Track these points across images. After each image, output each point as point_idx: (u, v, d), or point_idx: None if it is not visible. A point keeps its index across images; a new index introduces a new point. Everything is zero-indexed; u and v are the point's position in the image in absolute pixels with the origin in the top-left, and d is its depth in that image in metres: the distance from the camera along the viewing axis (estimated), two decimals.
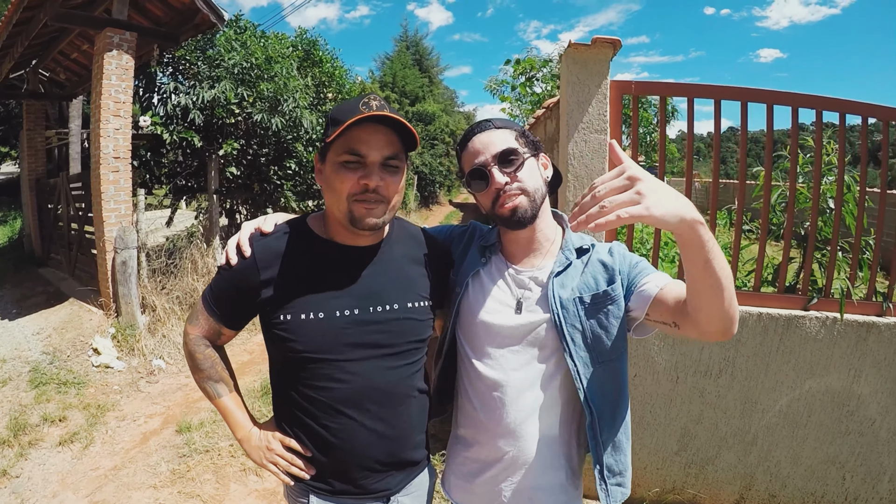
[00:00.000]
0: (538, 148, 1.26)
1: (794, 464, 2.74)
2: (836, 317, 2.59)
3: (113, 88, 5.26)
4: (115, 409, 4.04)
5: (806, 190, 2.78)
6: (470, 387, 1.31)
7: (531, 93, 6.56)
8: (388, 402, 1.25)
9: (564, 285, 1.21)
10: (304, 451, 1.26)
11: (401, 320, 1.25)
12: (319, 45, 8.30)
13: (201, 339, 1.31)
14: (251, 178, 7.23)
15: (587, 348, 1.19)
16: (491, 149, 1.20)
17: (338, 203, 1.16)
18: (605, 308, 1.19)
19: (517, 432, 1.23)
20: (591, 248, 1.26)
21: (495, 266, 1.30)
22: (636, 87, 2.54)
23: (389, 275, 1.26)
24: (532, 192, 1.19)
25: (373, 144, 1.13)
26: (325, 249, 1.23)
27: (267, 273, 1.19)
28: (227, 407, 1.32)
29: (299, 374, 1.22)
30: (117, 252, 5.07)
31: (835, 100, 2.57)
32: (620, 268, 1.21)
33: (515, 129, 1.24)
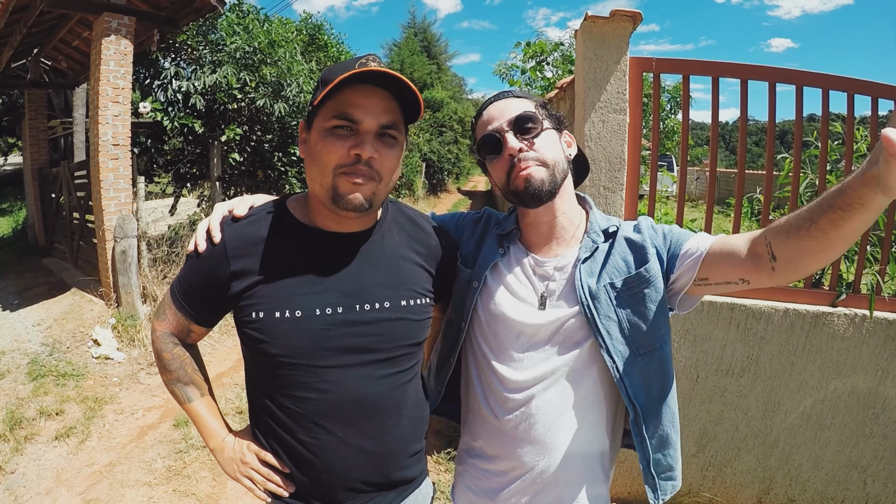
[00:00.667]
0: (561, 124, 1.14)
1: (815, 467, 2.62)
2: (865, 314, 2.45)
3: (111, 74, 5.15)
4: (113, 401, 3.97)
5: (834, 179, 2.62)
6: (489, 393, 1.17)
7: (542, 77, 6.40)
8: (376, 416, 1.07)
9: (592, 272, 1.08)
10: (282, 467, 1.10)
11: (392, 321, 1.07)
12: (325, 29, 8.19)
13: (169, 337, 1.16)
14: (255, 164, 7.11)
15: (625, 340, 1.06)
16: (507, 114, 1.08)
17: (321, 176, 0.98)
18: (640, 292, 1.06)
19: (547, 443, 1.10)
20: (618, 229, 1.13)
21: (514, 257, 1.17)
22: (657, 64, 2.39)
23: (380, 267, 1.09)
24: (551, 163, 1.07)
25: (368, 109, 0.96)
26: (306, 236, 1.06)
27: (238, 263, 1.03)
28: (199, 413, 1.17)
29: (274, 381, 1.05)
30: (117, 241, 4.98)
31: (868, 83, 2.42)
32: (653, 241, 1.08)
33: (536, 100, 1.12)
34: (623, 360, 1.06)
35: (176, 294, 1.12)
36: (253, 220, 1.07)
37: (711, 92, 2.41)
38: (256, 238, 1.04)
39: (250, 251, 1.03)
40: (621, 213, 2.48)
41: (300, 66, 6.76)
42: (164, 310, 1.16)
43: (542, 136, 1.07)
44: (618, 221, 1.16)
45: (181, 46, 6.69)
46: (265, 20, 6.99)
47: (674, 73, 2.46)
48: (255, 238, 1.04)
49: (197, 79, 6.09)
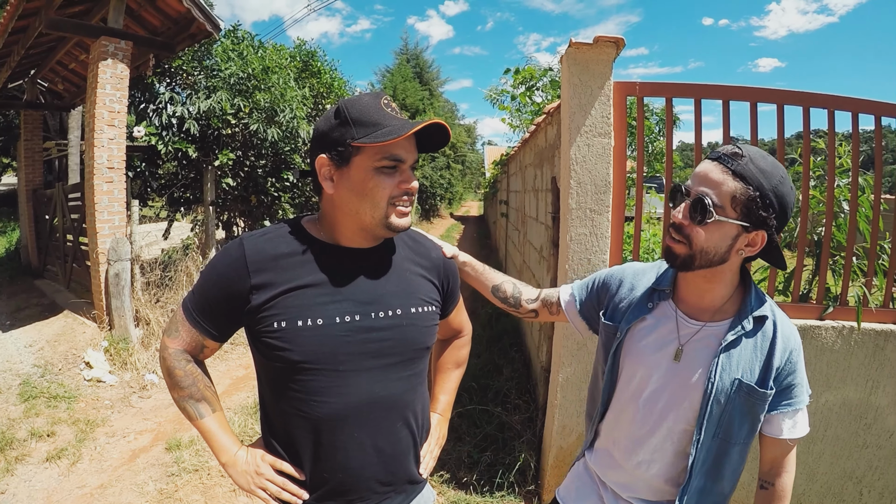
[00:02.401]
0: (759, 225, 1.07)
1: (809, 481, 2.63)
2: (853, 326, 2.48)
3: (107, 98, 5.19)
4: (105, 424, 3.94)
5: (819, 194, 2.67)
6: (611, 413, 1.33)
7: (531, 102, 6.48)
8: (391, 415, 1.17)
9: (731, 359, 1.15)
10: (298, 475, 1.15)
11: (405, 327, 1.17)
12: (318, 55, 8.25)
13: (182, 354, 1.19)
14: (248, 189, 7.15)
15: (717, 423, 1.15)
16: (698, 187, 1.09)
17: (374, 209, 1.10)
18: (752, 402, 1.14)
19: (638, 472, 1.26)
20: (767, 318, 1.17)
21: (661, 312, 1.25)
22: (641, 87, 2.44)
23: (391, 278, 1.19)
24: (697, 251, 1.10)
25: (409, 149, 1.12)
26: (323, 252, 1.15)
27: (259, 277, 1.09)
28: (210, 429, 1.20)
29: (294, 386, 1.11)
30: (110, 264, 4.97)
31: (847, 99, 2.47)
32: (778, 375, 1.15)
33: (752, 189, 1.04)
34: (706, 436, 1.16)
35: (190, 310, 1.16)
36: (271, 236, 1.15)
37: (694, 113, 2.46)
38: (276, 253, 1.12)
39: (269, 265, 1.10)
40: (607, 235, 2.52)
41: (293, 92, 6.83)
42: (175, 327, 1.19)
43: (709, 227, 1.08)
44: (770, 306, 1.18)
45: (176, 71, 6.76)
46: (259, 46, 7.07)
47: (657, 95, 2.51)
48: (274, 253, 1.12)
49: (192, 104, 6.14)
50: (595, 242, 2.53)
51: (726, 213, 1.06)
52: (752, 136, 2.47)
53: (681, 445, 1.20)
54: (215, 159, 6.43)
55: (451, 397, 1.53)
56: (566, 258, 2.57)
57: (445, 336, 1.53)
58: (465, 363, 1.60)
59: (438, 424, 1.43)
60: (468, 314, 1.59)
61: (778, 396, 1.15)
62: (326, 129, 1.10)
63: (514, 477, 2.98)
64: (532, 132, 4.71)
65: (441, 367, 1.54)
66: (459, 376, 1.57)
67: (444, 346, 1.55)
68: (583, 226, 2.52)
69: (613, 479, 1.31)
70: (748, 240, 1.10)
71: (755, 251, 1.12)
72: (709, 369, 1.14)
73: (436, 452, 1.37)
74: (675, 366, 1.18)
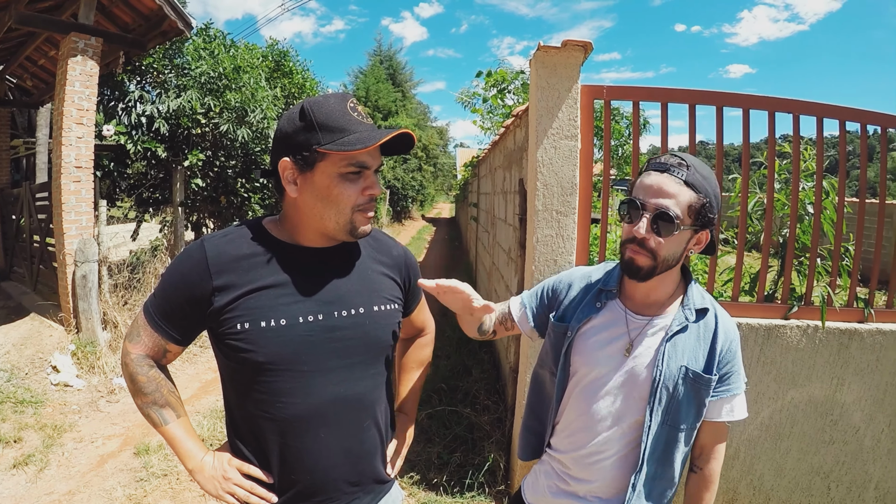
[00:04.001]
0: (705, 225, 1.17)
1: (777, 476, 2.68)
2: (818, 325, 2.54)
3: (76, 95, 5.07)
4: (72, 429, 3.85)
5: (784, 197, 2.73)
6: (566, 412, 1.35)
7: (503, 105, 6.52)
8: (357, 415, 1.17)
9: (676, 348, 1.21)
10: (266, 478, 1.14)
11: (367, 325, 1.17)
12: (290, 55, 8.17)
13: (144, 359, 1.17)
14: (217, 190, 7.04)
15: (666, 410, 1.21)
16: (657, 200, 1.13)
17: (339, 215, 1.10)
18: (698, 388, 1.21)
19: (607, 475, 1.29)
20: (708, 311, 1.25)
21: (609, 311, 1.30)
22: (608, 91, 2.46)
23: (353, 277, 1.19)
24: (660, 260, 1.16)
25: (374, 155, 1.12)
26: (285, 252, 1.14)
27: (221, 279, 1.08)
28: (175, 435, 1.18)
29: (258, 388, 1.10)
30: (77, 265, 4.85)
31: (812, 104, 2.52)
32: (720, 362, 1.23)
33: (702, 196, 1.14)
34: (655, 423, 1.21)
35: (151, 314, 1.14)
36: (232, 237, 1.13)
37: (661, 117, 2.49)
38: (237, 254, 1.11)
39: (231, 266, 1.09)
40: (574, 237, 2.54)
41: (264, 93, 6.76)
42: (137, 331, 1.17)
43: (671, 238, 1.14)
44: (710, 300, 1.27)
45: (147, 69, 6.62)
46: (231, 45, 6.97)
47: (624, 99, 2.53)
48: (236, 254, 1.10)
49: (161, 103, 6.03)
50: (561, 244, 2.55)
51: (684, 222, 1.13)
52: (717, 140, 2.51)
53: (633, 436, 1.24)
54: (185, 159, 6.32)
55: (417, 396, 1.54)
56: (532, 259, 2.58)
57: (408, 335, 1.53)
58: (429, 362, 1.60)
59: (404, 424, 1.44)
60: (439, 314, 1.60)
61: (718, 383, 1.22)
62: (290, 131, 1.08)
63: (484, 477, 2.99)
64: (501, 134, 4.73)
65: (405, 366, 1.55)
66: (424, 375, 1.57)
67: (408, 346, 1.55)
68: (549, 227, 2.53)
69: (574, 476, 1.33)
70: (696, 239, 1.20)
71: (701, 248, 1.23)
72: (656, 358, 1.21)
73: (403, 452, 1.38)
74: (626, 360, 1.24)
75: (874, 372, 2.57)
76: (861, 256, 2.72)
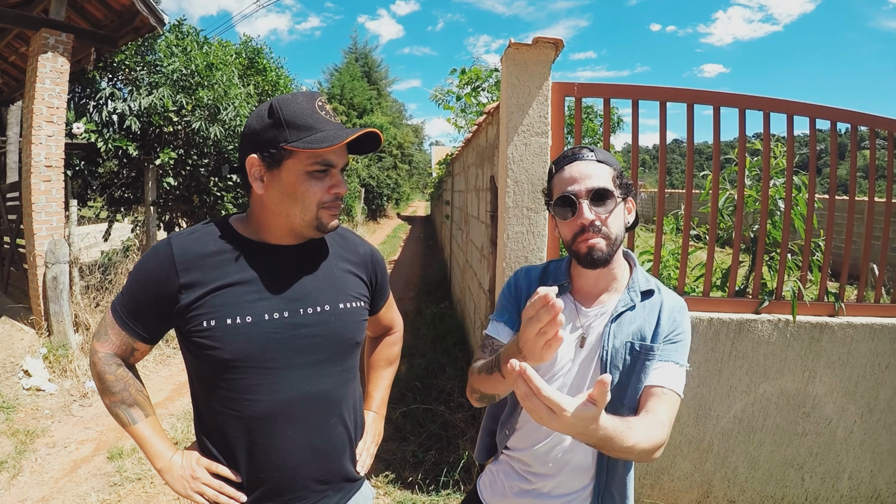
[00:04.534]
0: (628, 193, 1.23)
1: (751, 468, 2.71)
2: (789, 319, 2.57)
3: (47, 92, 4.97)
4: (45, 434, 3.78)
5: (755, 193, 2.76)
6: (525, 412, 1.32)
7: (477, 103, 6.51)
8: (324, 412, 1.18)
9: (622, 327, 1.23)
10: (234, 477, 1.14)
11: (333, 322, 1.18)
12: (264, 53, 8.11)
13: (112, 358, 1.17)
14: (190, 189, 6.96)
15: (619, 388, 1.21)
16: (587, 182, 1.16)
17: (304, 212, 1.11)
18: (644, 359, 1.21)
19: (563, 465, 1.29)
20: (654, 292, 1.27)
21: None
22: (579, 88, 2.46)
23: (319, 274, 1.20)
24: (614, 237, 1.18)
25: (340, 154, 1.12)
26: (251, 249, 1.15)
27: (187, 276, 1.08)
28: (144, 434, 1.18)
29: (225, 385, 1.10)
30: (48, 267, 4.75)
31: (782, 101, 2.56)
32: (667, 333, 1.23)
33: (615, 168, 1.21)
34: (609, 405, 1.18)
35: (119, 312, 1.14)
36: (198, 235, 1.14)
37: (632, 114, 2.51)
38: (204, 251, 1.11)
39: (197, 264, 1.10)
40: (545, 233, 2.54)
41: (237, 90, 6.69)
42: (105, 330, 1.17)
43: (614, 213, 1.17)
44: (656, 283, 1.30)
45: (118, 66, 6.49)
46: (204, 42, 6.87)
47: (595, 96, 2.54)
48: (202, 251, 1.11)
49: (133, 100, 5.93)
50: (532, 240, 2.55)
51: (616, 194, 1.17)
52: (688, 136, 2.53)
53: None
54: (157, 158, 6.23)
55: (386, 394, 1.54)
56: (504, 256, 2.58)
57: (376, 333, 1.54)
58: (398, 360, 1.61)
59: (374, 422, 1.44)
60: (414, 312, 1.60)
61: (660, 351, 1.22)
62: (259, 128, 1.09)
63: (459, 475, 3.00)
64: (474, 132, 4.73)
65: (373, 364, 1.55)
66: (392, 373, 1.58)
67: (376, 344, 1.55)
68: (520, 224, 2.54)
69: (536, 473, 1.32)
70: (627, 209, 1.24)
71: (632, 217, 1.27)
72: (602, 339, 1.22)
73: (372, 450, 1.38)
74: (580, 352, 1.24)
75: (845, 364, 2.61)
76: (832, 252, 2.76)
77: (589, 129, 6.05)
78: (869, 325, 2.60)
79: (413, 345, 5.56)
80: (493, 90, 6.38)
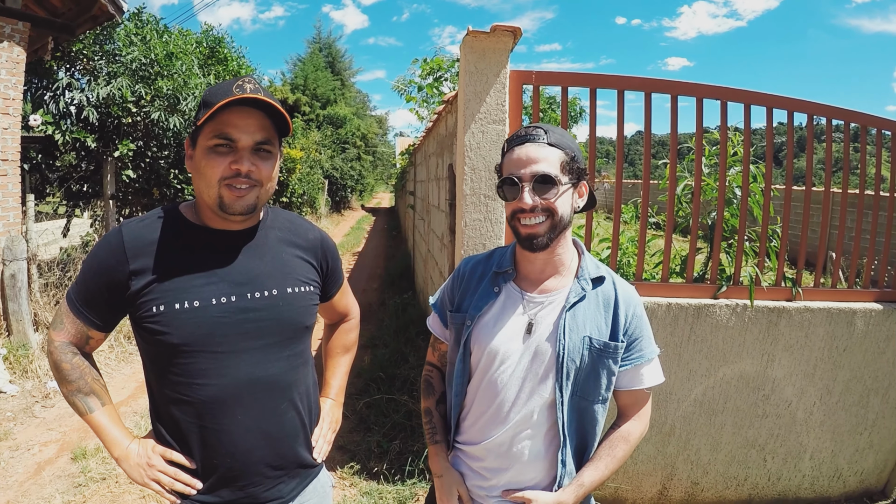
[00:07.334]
0: (581, 177, 1.21)
1: (714, 450, 2.78)
2: (747, 303, 2.63)
3: (2, 84, 4.81)
4: (7, 437, 3.68)
5: (712, 181, 2.80)
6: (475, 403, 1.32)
7: (439, 93, 6.50)
8: (273, 396, 1.18)
9: (576, 319, 1.22)
10: (189, 463, 1.15)
11: (280, 307, 1.19)
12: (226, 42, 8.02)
13: (68, 346, 1.18)
14: (150, 182, 6.84)
15: (575, 381, 1.21)
16: (532, 167, 1.15)
17: (208, 188, 1.10)
18: (605, 358, 1.21)
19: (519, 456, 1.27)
20: (605, 279, 1.26)
21: (507, 294, 1.29)
22: (537, 76, 2.47)
23: (266, 259, 1.20)
24: (556, 221, 1.17)
25: (244, 129, 1.09)
26: (198, 235, 1.16)
27: (137, 262, 1.10)
28: (101, 423, 1.19)
29: (175, 370, 1.12)
30: (5, 264, 4.60)
31: (739, 91, 2.60)
32: (626, 329, 1.23)
33: (567, 151, 1.18)
34: (568, 396, 1.21)
35: (73, 301, 1.15)
36: (148, 222, 1.15)
37: (589, 102, 2.52)
38: (152, 238, 1.12)
39: (147, 250, 1.11)
40: (502, 220, 2.56)
41: (197, 80, 6.59)
42: (60, 319, 1.18)
43: (557, 198, 1.16)
44: (606, 269, 1.29)
45: (76, 56, 6.30)
46: (164, 31, 6.74)
47: (553, 84, 2.55)
48: (151, 238, 1.12)
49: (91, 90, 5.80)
50: (490, 227, 2.57)
51: (561, 180, 1.16)
52: (645, 125, 2.56)
53: (547, 415, 1.24)
54: (115, 150, 6.09)
55: (343, 382, 1.54)
56: (462, 244, 2.59)
57: (332, 320, 1.54)
58: (355, 347, 1.60)
59: (331, 409, 1.45)
60: (378, 304, 1.60)
61: (627, 350, 1.23)
62: None
63: (424, 464, 3.00)
64: (434, 121, 4.73)
65: (330, 352, 1.55)
66: (350, 360, 1.58)
67: (332, 331, 1.55)
68: (477, 211, 2.55)
69: (490, 468, 1.30)
70: (578, 193, 1.23)
71: (585, 201, 1.26)
72: (557, 332, 1.21)
73: (329, 437, 1.38)
74: (529, 339, 1.23)
75: (804, 348, 2.69)
76: (789, 240, 2.82)
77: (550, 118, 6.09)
78: (826, 309, 2.68)
79: (377, 335, 5.53)
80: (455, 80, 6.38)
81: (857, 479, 2.92)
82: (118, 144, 6.08)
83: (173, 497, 1.16)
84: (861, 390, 2.78)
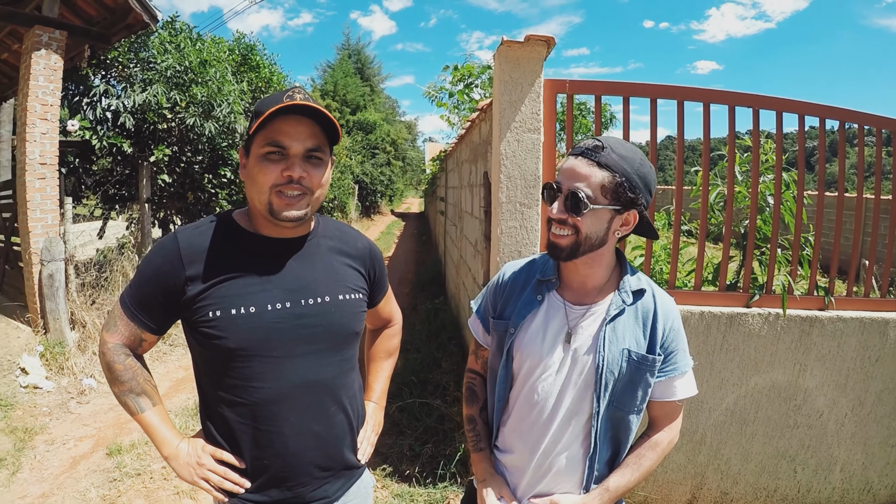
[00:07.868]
0: (628, 206, 1.17)
1: (744, 460, 2.75)
2: (779, 312, 2.60)
3: (40, 90, 4.94)
4: (43, 432, 3.78)
5: (745, 189, 2.78)
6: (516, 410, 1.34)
7: (469, 99, 6.50)
8: (325, 399, 1.22)
9: (616, 331, 1.23)
10: (238, 463, 1.18)
11: (333, 313, 1.22)
12: (257, 49, 8.13)
13: (121, 348, 1.21)
14: (184, 186, 6.98)
15: (612, 392, 1.22)
16: (569, 182, 1.16)
17: (259, 195, 1.13)
18: (643, 370, 1.22)
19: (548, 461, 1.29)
20: (645, 291, 1.27)
21: (549, 303, 1.30)
22: (570, 85, 2.49)
23: (318, 267, 1.23)
24: (580, 239, 1.17)
25: (295, 136, 1.11)
26: (252, 242, 1.19)
27: (193, 269, 1.13)
28: (152, 422, 1.22)
29: (230, 373, 1.15)
30: (44, 265, 4.74)
31: (771, 98, 2.59)
32: (663, 342, 1.24)
33: (618, 175, 1.13)
34: (604, 406, 1.23)
35: (128, 304, 1.18)
36: (202, 229, 1.19)
37: (623, 111, 2.53)
38: (207, 244, 1.16)
39: (202, 256, 1.14)
40: (537, 228, 2.57)
41: (231, 87, 6.70)
42: (114, 321, 1.21)
43: (587, 217, 1.15)
44: (647, 281, 1.29)
45: (112, 63, 6.47)
46: (197, 39, 6.87)
47: (586, 93, 2.56)
48: (206, 245, 1.15)
49: (127, 97, 5.93)
50: (525, 235, 2.58)
51: (598, 201, 1.14)
52: (678, 133, 2.56)
53: (583, 424, 1.25)
54: (151, 155, 6.23)
55: (385, 386, 1.57)
56: (497, 251, 2.61)
57: (376, 326, 1.57)
58: (397, 352, 1.64)
59: (374, 412, 1.48)
60: (409, 308, 1.63)
61: (664, 362, 1.24)
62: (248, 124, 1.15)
63: (456, 468, 3.02)
64: (467, 129, 4.75)
65: (373, 356, 1.58)
66: (392, 365, 1.62)
67: (375, 336, 1.59)
68: (513, 219, 2.57)
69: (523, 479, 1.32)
70: (622, 220, 1.20)
71: (629, 229, 1.23)
72: (597, 344, 1.22)
73: (372, 439, 1.42)
74: (568, 349, 1.25)
75: (836, 358, 2.64)
76: (821, 247, 2.78)
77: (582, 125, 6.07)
78: (858, 318, 2.64)
79: (408, 340, 5.56)
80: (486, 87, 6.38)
81: (887, 492, 2.86)
82: (153, 149, 6.22)
83: (221, 496, 1.18)
84: (893, 402, 2.72)
